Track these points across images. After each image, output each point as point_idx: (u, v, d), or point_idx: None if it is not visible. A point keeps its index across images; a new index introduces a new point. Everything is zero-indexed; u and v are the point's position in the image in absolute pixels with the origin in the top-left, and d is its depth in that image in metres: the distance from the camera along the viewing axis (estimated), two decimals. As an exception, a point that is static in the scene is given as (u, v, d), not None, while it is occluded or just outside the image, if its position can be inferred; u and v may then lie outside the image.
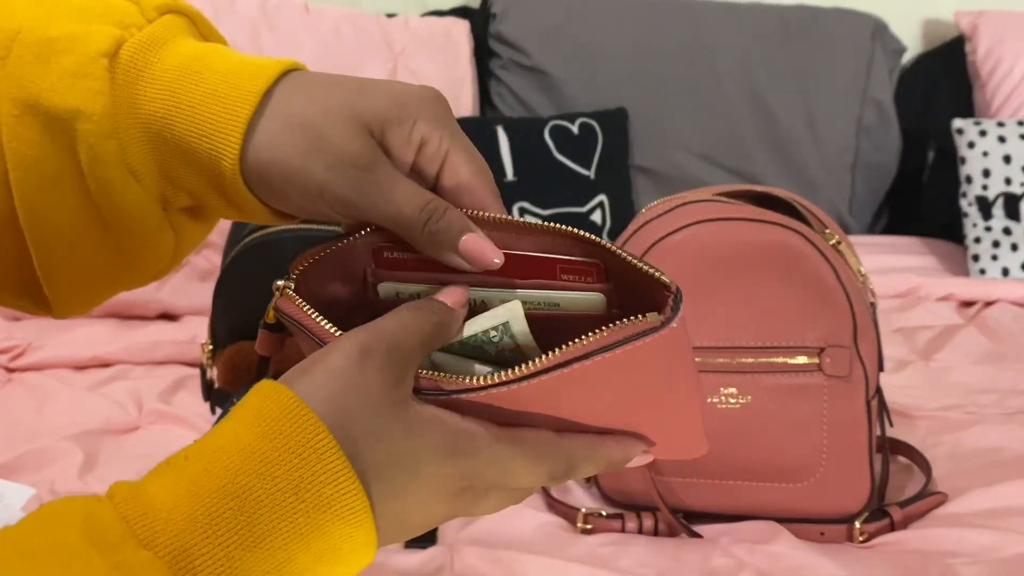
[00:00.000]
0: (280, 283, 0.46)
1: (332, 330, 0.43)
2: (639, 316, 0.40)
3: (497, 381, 0.40)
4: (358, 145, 0.44)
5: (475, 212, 0.45)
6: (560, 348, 0.40)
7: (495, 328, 0.45)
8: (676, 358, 0.42)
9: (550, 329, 0.44)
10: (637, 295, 0.42)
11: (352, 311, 0.46)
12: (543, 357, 0.40)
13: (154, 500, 0.35)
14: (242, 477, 0.36)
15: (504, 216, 0.45)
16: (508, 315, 0.44)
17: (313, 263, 0.47)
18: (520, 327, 0.44)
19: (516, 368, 0.40)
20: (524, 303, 0.45)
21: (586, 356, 0.40)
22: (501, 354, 0.46)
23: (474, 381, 0.41)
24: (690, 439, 0.48)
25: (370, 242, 0.47)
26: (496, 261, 0.44)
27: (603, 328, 0.40)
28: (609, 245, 0.44)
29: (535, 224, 0.44)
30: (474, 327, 0.45)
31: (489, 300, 0.46)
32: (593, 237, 0.44)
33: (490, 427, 0.42)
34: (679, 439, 0.48)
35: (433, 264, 0.45)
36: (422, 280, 0.47)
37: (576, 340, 0.40)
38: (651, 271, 0.42)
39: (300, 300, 0.45)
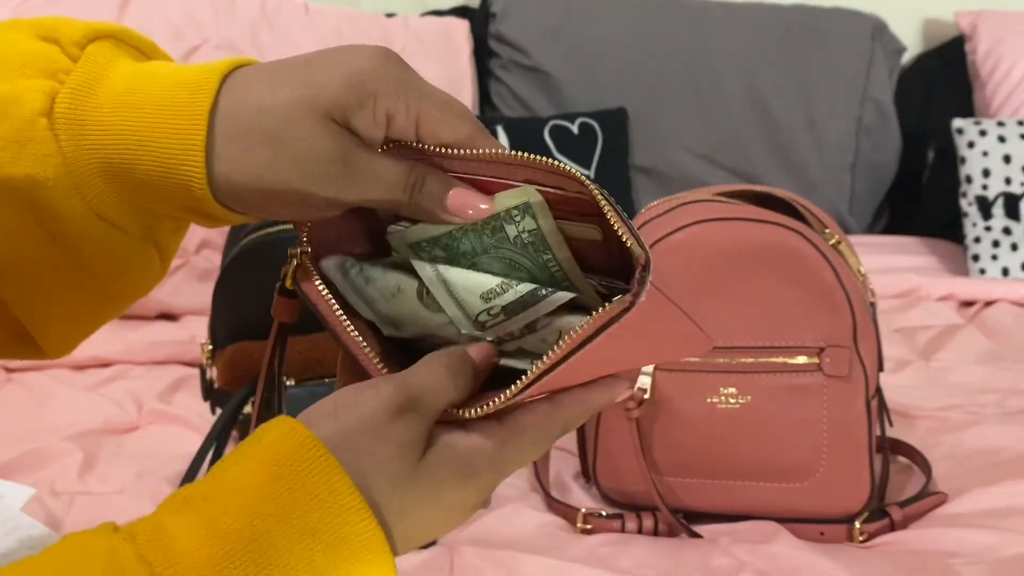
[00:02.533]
0: (296, 250, 0.46)
1: (361, 343, 0.44)
2: (606, 305, 0.41)
3: (484, 413, 0.42)
4: (325, 142, 0.42)
5: (467, 151, 0.44)
6: (545, 357, 0.41)
7: (516, 208, 0.45)
8: (653, 313, 0.43)
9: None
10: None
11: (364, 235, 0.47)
12: (525, 376, 0.41)
13: (175, 542, 0.35)
14: (259, 520, 0.36)
15: (495, 151, 0.44)
16: (526, 195, 0.44)
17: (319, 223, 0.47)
18: (543, 215, 0.45)
19: (502, 395, 0.42)
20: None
21: (568, 356, 0.41)
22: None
23: (469, 413, 0.42)
24: (689, 342, 0.49)
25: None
26: (483, 207, 0.44)
27: (576, 330, 0.41)
28: (592, 187, 0.43)
29: (528, 158, 0.44)
30: (496, 205, 0.45)
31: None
32: (583, 178, 0.43)
33: (493, 432, 0.42)
34: (676, 346, 0.49)
35: None
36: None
37: (555, 347, 0.41)
38: (624, 235, 0.42)
39: (321, 284, 0.45)
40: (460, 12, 2.08)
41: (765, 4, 2.14)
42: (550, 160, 0.44)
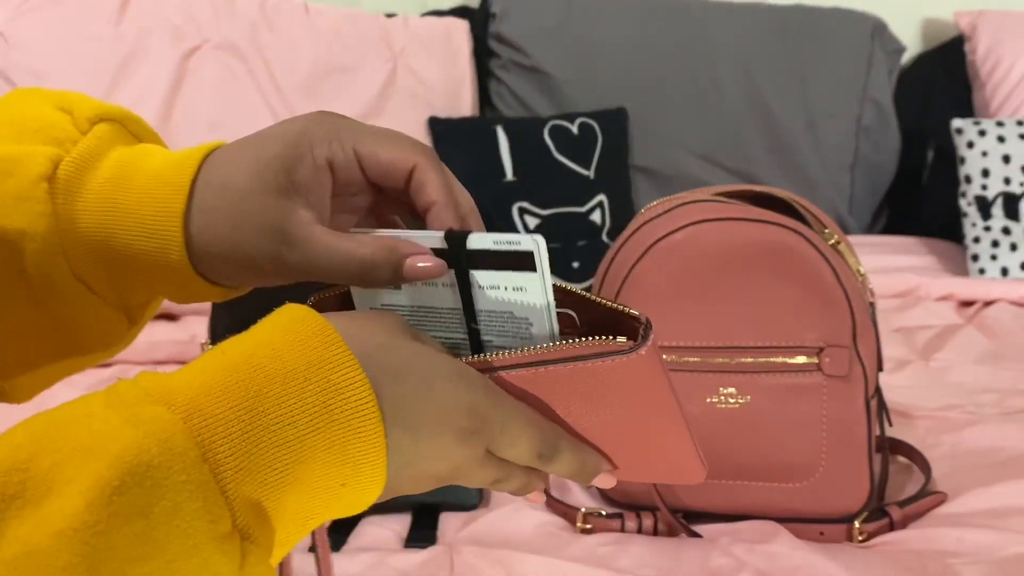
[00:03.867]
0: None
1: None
2: (611, 336, 0.42)
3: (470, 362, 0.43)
4: (272, 216, 0.46)
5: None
6: (535, 348, 0.43)
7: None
8: (650, 386, 0.44)
9: None
10: (611, 333, 0.44)
11: None
12: (518, 351, 0.43)
13: (171, 376, 0.38)
14: (255, 358, 0.38)
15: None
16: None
17: (329, 297, 0.49)
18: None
19: (486, 355, 0.43)
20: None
21: (557, 361, 0.42)
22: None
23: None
24: (683, 466, 0.50)
25: None
26: (442, 266, 0.46)
27: (577, 340, 0.42)
28: (576, 289, 0.46)
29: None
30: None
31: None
32: (562, 285, 0.46)
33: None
34: (669, 465, 0.50)
35: None
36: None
37: (550, 344, 0.43)
38: (619, 307, 0.44)
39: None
40: (460, 12, 2.08)
41: (765, 4, 2.14)
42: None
